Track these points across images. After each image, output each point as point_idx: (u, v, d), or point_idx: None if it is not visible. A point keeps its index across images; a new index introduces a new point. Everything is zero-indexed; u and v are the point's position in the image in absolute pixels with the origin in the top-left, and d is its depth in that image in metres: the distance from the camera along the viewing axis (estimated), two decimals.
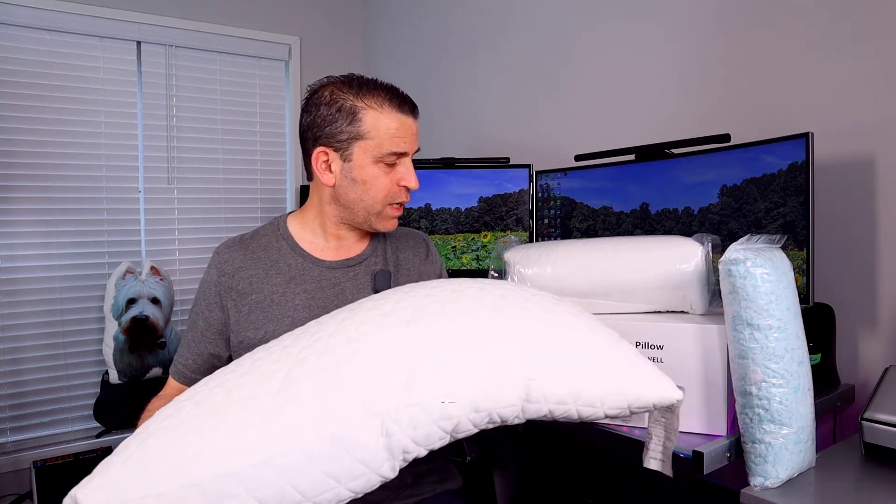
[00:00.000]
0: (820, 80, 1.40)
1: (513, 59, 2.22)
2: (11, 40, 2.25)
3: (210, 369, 1.06)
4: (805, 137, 1.19)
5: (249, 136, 2.75)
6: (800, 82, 1.43)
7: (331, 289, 1.08)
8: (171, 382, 1.14)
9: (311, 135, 1.04)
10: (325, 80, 1.06)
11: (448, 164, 2.05)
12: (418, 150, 1.08)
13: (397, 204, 1.08)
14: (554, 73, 2.06)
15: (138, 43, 2.49)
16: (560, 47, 2.04)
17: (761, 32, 1.50)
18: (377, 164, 1.02)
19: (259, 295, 1.05)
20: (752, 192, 1.29)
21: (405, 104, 1.04)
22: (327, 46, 2.94)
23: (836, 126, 1.36)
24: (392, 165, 1.04)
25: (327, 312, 1.05)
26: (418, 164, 2.06)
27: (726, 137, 1.38)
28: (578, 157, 1.69)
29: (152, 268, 2.27)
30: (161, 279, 2.28)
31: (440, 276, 1.22)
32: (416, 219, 2.05)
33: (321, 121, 1.02)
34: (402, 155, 1.04)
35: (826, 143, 1.35)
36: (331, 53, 2.95)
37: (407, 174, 1.05)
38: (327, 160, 1.04)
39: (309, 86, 1.08)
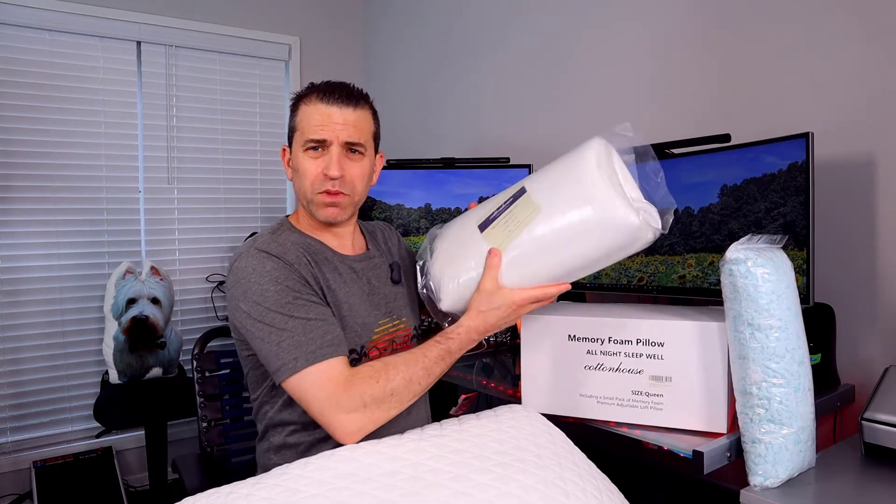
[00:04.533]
0: (820, 80, 1.40)
1: (513, 59, 2.22)
2: (11, 40, 2.25)
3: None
4: (805, 137, 1.19)
5: (249, 136, 2.75)
6: (800, 82, 1.43)
7: (362, 279, 1.14)
8: (342, 360, 0.96)
9: None
10: None
11: (448, 164, 2.05)
12: (358, 145, 1.08)
13: (324, 192, 1.07)
14: (554, 73, 2.06)
15: (138, 43, 2.49)
16: (560, 47, 2.04)
17: (762, 32, 1.50)
18: (306, 152, 1.08)
19: (317, 285, 1.06)
20: (752, 192, 1.29)
21: (332, 94, 1.07)
22: (327, 46, 2.94)
23: (836, 126, 1.36)
24: (319, 152, 1.08)
25: (367, 300, 1.12)
26: (418, 164, 2.07)
27: (726, 137, 1.39)
28: None
29: (152, 268, 2.27)
30: (161, 279, 2.27)
31: (409, 253, 1.31)
32: (416, 219, 2.05)
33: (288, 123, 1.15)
34: (322, 143, 1.07)
35: (826, 143, 1.35)
36: (331, 53, 2.95)
37: (328, 163, 1.06)
38: (287, 156, 1.14)
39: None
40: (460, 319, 1.02)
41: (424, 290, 1.08)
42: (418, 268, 1.11)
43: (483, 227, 1.03)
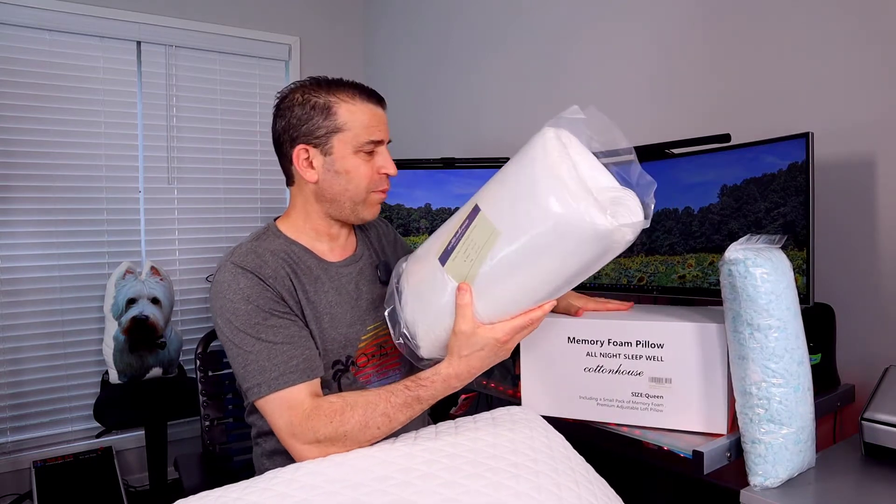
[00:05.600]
0: (820, 80, 1.40)
1: (513, 59, 2.22)
2: (11, 40, 2.25)
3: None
4: (805, 137, 1.19)
5: (249, 136, 2.75)
6: (800, 82, 1.43)
7: (348, 286, 1.13)
8: (304, 388, 0.96)
9: (288, 137, 1.08)
10: (292, 85, 1.10)
11: (448, 164, 2.05)
12: (391, 142, 1.13)
13: (381, 191, 1.11)
14: (554, 73, 2.06)
15: (138, 43, 2.49)
16: (560, 47, 2.04)
17: (762, 32, 1.50)
18: (357, 154, 1.06)
19: (293, 299, 1.05)
20: (752, 192, 1.29)
21: (373, 96, 1.09)
22: (327, 46, 2.94)
23: (836, 126, 1.36)
24: (370, 154, 1.08)
25: (353, 308, 1.10)
26: (418, 164, 2.07)
27: (726, 137, 1.38)
28: None
29: (152, 268, 2.27)
30: (161, 279, 2.27)
31: (406, 251, 1.27)
32: (416, 219, 2.05)
33: (297, 121, 1.06)
34: (378, 143, 1.08)
35: (826, 143, 1.35)
36: (331, 53, 2.95)
37: (385, 162, 1.09)
38: (308, 157, 1.07)
39: (277, 93, 1.11)
40: (438, 366, 0.94)
41: (401, 340, 0.98)
42: (386, 315, 1.01)
43: (444, 258, 0.92)
